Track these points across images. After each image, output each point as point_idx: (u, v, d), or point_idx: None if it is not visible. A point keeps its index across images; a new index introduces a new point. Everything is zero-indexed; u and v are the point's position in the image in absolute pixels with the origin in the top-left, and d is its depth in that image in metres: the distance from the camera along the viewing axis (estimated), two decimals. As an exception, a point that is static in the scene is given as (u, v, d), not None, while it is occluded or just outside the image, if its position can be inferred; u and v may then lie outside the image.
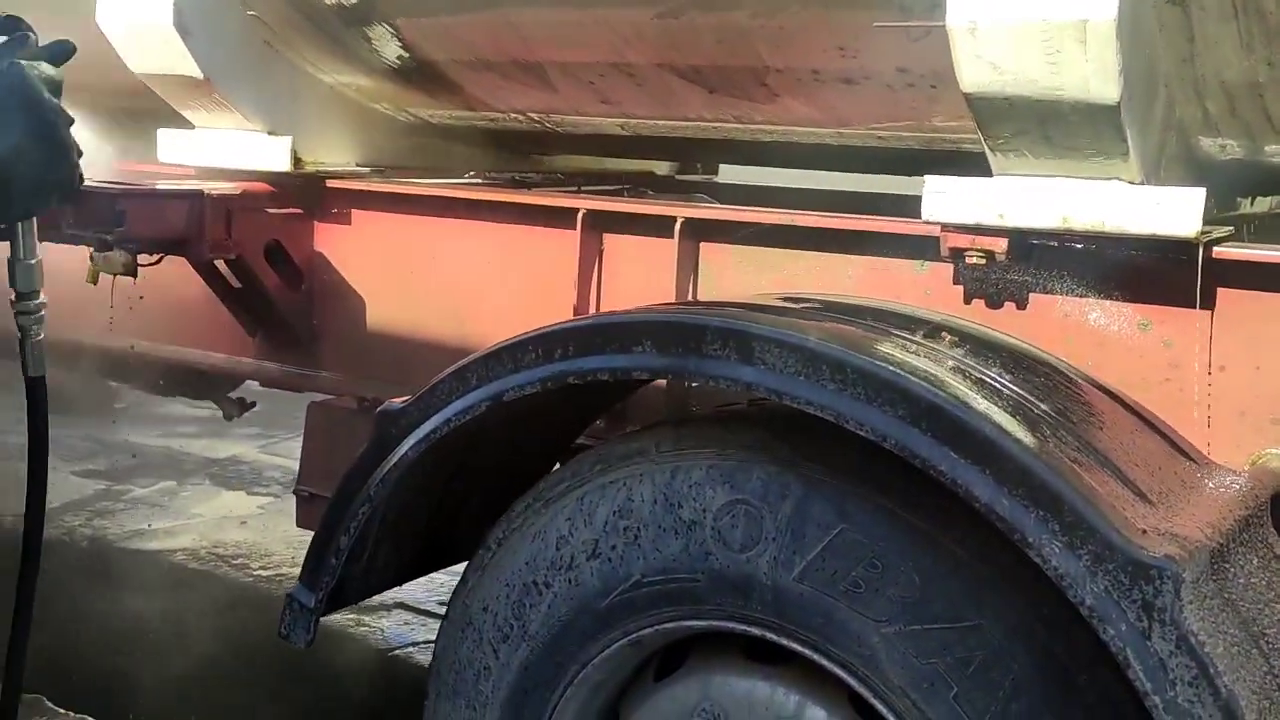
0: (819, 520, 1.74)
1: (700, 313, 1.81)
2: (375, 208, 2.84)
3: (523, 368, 1.90)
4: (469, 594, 2.10)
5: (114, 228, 2.41)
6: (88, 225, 2.44)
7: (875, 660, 1.70)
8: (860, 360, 1.63)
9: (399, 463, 2.03)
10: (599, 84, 2.55)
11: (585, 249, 2.52)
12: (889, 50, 2.11)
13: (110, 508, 5.67)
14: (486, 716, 2.06)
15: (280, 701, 3.74)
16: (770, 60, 2.28)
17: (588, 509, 1.94)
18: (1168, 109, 1.93)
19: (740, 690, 1.88)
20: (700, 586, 1.83)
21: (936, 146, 2.45)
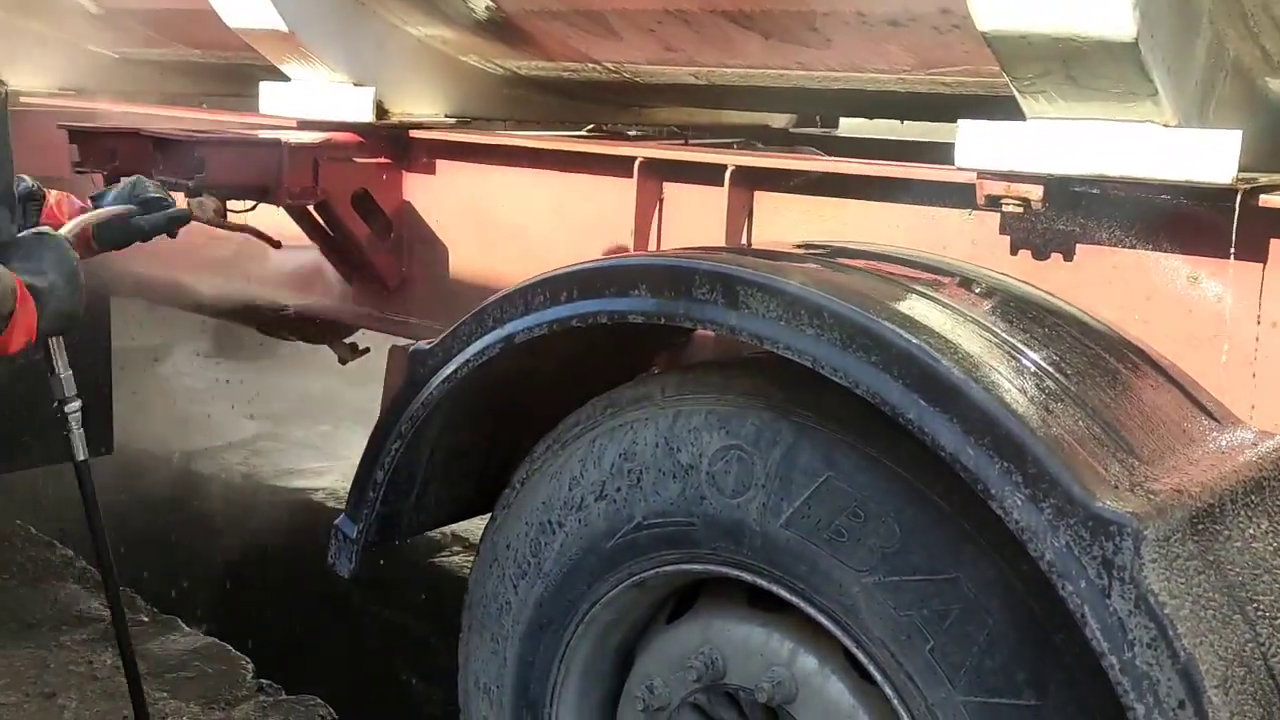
0: (806, 467, 1.72)
1: (692, 257, 1.80)
2: (456, 157, 2.91)
3: (532, 310, 1.94)
4: (496, 531, 2.16)
5: (195, 174, 2.54)
6: (173, 172, 2.59)
7: (856, 610, 1.68)
8: (836, 305, 1.60)
9: (426, 401, 2.10)
10: (659, 31, 2.54)
11: (643, 196, 2.53)
12: (928, -11, 2.04)
13: (268, 447, 6.00)
14: (508, 650, 2.12)
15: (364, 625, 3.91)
16: (816, 4, 2.22)
17: (598, 451, 1.97)
18: (1215, 47, 1.81)
19: (738, 635, 1.88)
20: (696, 530, 1.83)
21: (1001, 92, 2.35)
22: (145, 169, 2.66)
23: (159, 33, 3.88)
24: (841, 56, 2.41)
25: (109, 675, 3.53)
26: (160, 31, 3.88)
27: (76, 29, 4.15)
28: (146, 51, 4.22)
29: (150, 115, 3.55)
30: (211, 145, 2.57)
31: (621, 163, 2.55)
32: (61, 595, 4.07)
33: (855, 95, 2.66)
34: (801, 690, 1.81)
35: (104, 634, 3.82)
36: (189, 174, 2.55)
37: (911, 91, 2.51)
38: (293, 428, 6.38)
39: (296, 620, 4.04)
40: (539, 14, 2.69)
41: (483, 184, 2.89)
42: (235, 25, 2.88)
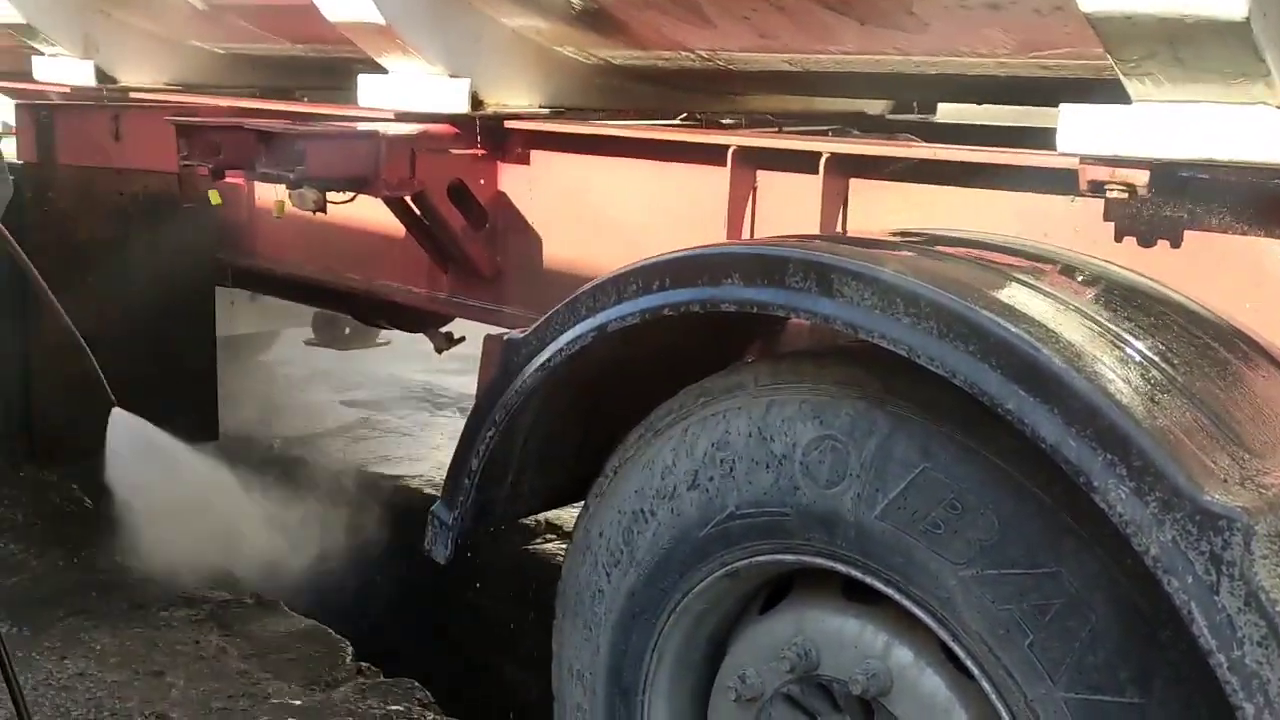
0: (902, 458, 1.70)
1: (785, 245, 1.79)
2: (550, 147, 2.93)
3: (625, 299, 1.94)
4: (589, 519, 2.17)
5: (295, 166, 2.59)
6: (275, 165, 2.64)
7: (953, 603, 1.65)
8: (933, 293, 1.58)
9: (520, 389, 2.12)
10: (754, 18, 2.52)
11: (736, 185, 2.52)
12: (1029, -29, 1.99)
13: (367, 435, 6.11)
14: (601, 638, 2.13)
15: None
16: (912, -14, 2.19)
17: (690, 440, 1.97)
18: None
19: (832, 627, 1.87)
20: (789, 521, 1.82)
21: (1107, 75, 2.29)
22: (249, 162, 2.72)
23: (261, 27, 3.96)
24: (939, 41, 2.37)
25: (215, 655, 3.63)
26: (262, 26, 3.97)
27: (182, 26, 4.26)
28: (248, 46, 4.31)
29: (252, 109, 3.64)
30: (312, 138, 2.62)
31: (715, 151, 2.54)
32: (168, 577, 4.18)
33: (952, 80, 2.61)
34: (896, 683, 1.79)
35: (210, 614, 3.92)
36: (290, 166, 2.61)
37: (1011, 75, 2.46)
38: (389, 416, 6.49)
39: (393, 605, 4.11)
40: (634, 3, 2.69)
41: (577, 174, 2.90)
42: (334, 19, 2.93)
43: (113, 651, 3.59)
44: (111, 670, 3.47)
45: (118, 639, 3.67)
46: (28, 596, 3.97)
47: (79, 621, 3.79)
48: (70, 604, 3.91)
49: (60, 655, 3.56)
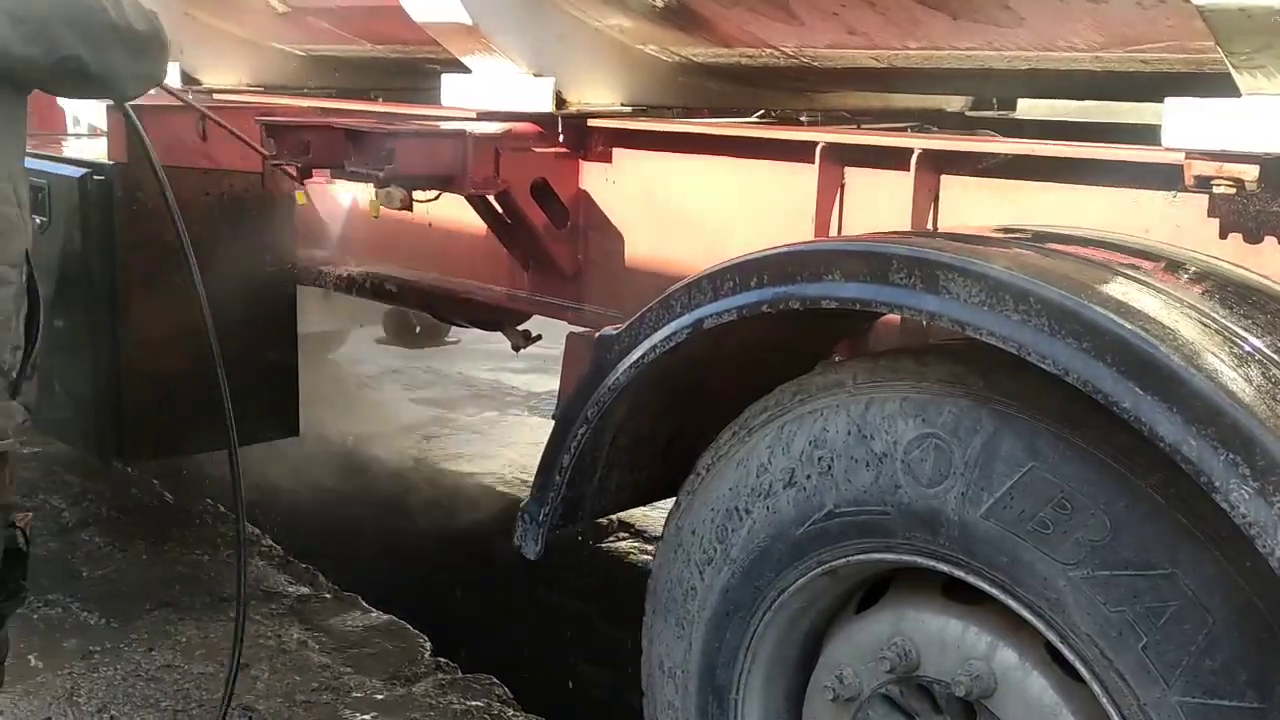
0: (1008, 457, 1.67)
1: (888, 241, 1.77)
2: (633, 145, 2.93)
3: (721, 296, 1.93)
4: (680, 517, 2.17)
5: (384, 165, 2.62)
6: (364, 163, 2.67)
7: (1062, 604, 1.63)
8: (1045, 290, 1.55)
9: (613, 386, 2.12)
10: (843, 14, 2.50)
11: (824, 182, 2.50)
12: (1132, -38, 1.96)
13: (438, 432, 6.15)
14: (693, 635, 2.13)
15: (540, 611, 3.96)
16: (1010, -20, 2.17)
17: (786, 438, 1.96)
18: None
19: (933, 627, 1.85)
20: (890, 519, 1.81)
21: (1207, 68, 2.24)
22: (337, 160, 2.75)
23: (341, 29, 4.01)
24: (1033, 35, 2.34)
25: (297, 649, 3.68)
26: (342, 27, 4.01)
27: (263, 28, 4.32)
28: (325, 48, 4.36)
29: (334, 109, 3.68)
30: (401, 137, 2.64)
31: (803, 148, 2.53)
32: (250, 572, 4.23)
33: (1043, 75, 2.57)
34: (1001, 685, 1.76)
35: (290, 609, 3.98)
36: (379, 165, 2.63)
37: (1105, 70, 2.42)
38: (459, 414, 6.54)
39: (469, 601, 4.14)
40: (721, 1, 2.69)
41: (659, 171, 2.90)
42: (421, 19, 2.95)
43: (198, 644, 3.65)
44: (197, 663, 3.53)
45: (202, 632, 3.73)
46: (114, 589, 4.05)
47: (164, 614, 3.86)
48: (155, 597, 3.98)
49: (148, 647, 3.62)
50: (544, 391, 6.84)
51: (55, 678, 3.43)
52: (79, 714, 3.26)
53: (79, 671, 3.46)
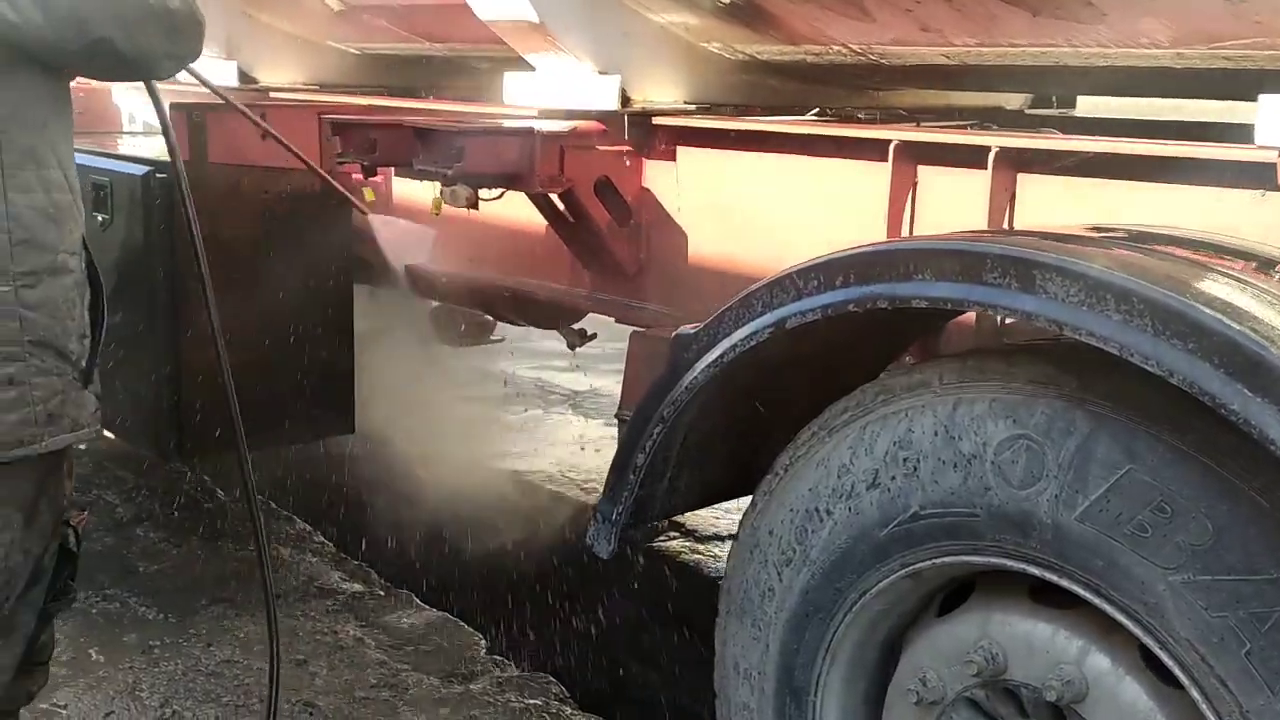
0: (1105, 459, 1.65)
1: (981, 241, 1.75)
2: (698, 143, 2.91)
3: (805, 295, 1.92)
4: (757, 517, 2.16)
5: (454, 163, 2.61)
6: (433, 161, 2.67)
7: (1161, 609, 1.60)
8: (1148, 290, 1.53)
9: (690, 385, 2.11)
10: (917, 11, 2.48)
11: (897, 181, 2.49)
12: (1225, -43, 1.93)
13: (484, 430, 6.15)
14: (770, 637, 2.11)
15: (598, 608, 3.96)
16: (1095, -24, 2.14)
17: (869, 439, 1.94)
18: None
19: (1021, 631, 1.83)
20: (978, 521, 1.79)
21: (1293, 65, 2.21)
22: (404, 158, 2.75)
23: (398, 27, 4.01)
24: (1114, 31, 2.31)
25: (353, 645, 3.69)
26: (399, 26, 4.02)
27: (319, 27, 4.33)
28: (381, 46, 4.37)
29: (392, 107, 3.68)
30: (470, 135, 2.64)
31: (875, 146, 2.51)
32: (303, 567, 4.27)
33: (1120, 72, 2.54)
34: (1092, 690, 1.74)
35: (345, 605, 3.99)
36: (449, 163, 2.63)
37: (1186, 67, 2.38)
38: (504, 412, 6.53)
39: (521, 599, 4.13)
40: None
41: (724, 170, 2.88)
42: (487, 17, 2.95)
43: (256, 640, 3.66)
44: (257, 658, 3.54)
45: (259, 627, 3.74)
46: (171, 584, 4.08)
47: (222, 610, 3.88)
48: (211, 593, 4.00)
49: (206, 643, 3.64)
50: (587, 390, 6.85)
51: (117, 672, 3.45)
52: (142, 708, 3.28)
53: (140, 666, 3.48)
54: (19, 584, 2.28)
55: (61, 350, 2.19)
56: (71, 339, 2.23)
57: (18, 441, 2.14)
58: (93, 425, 2.32)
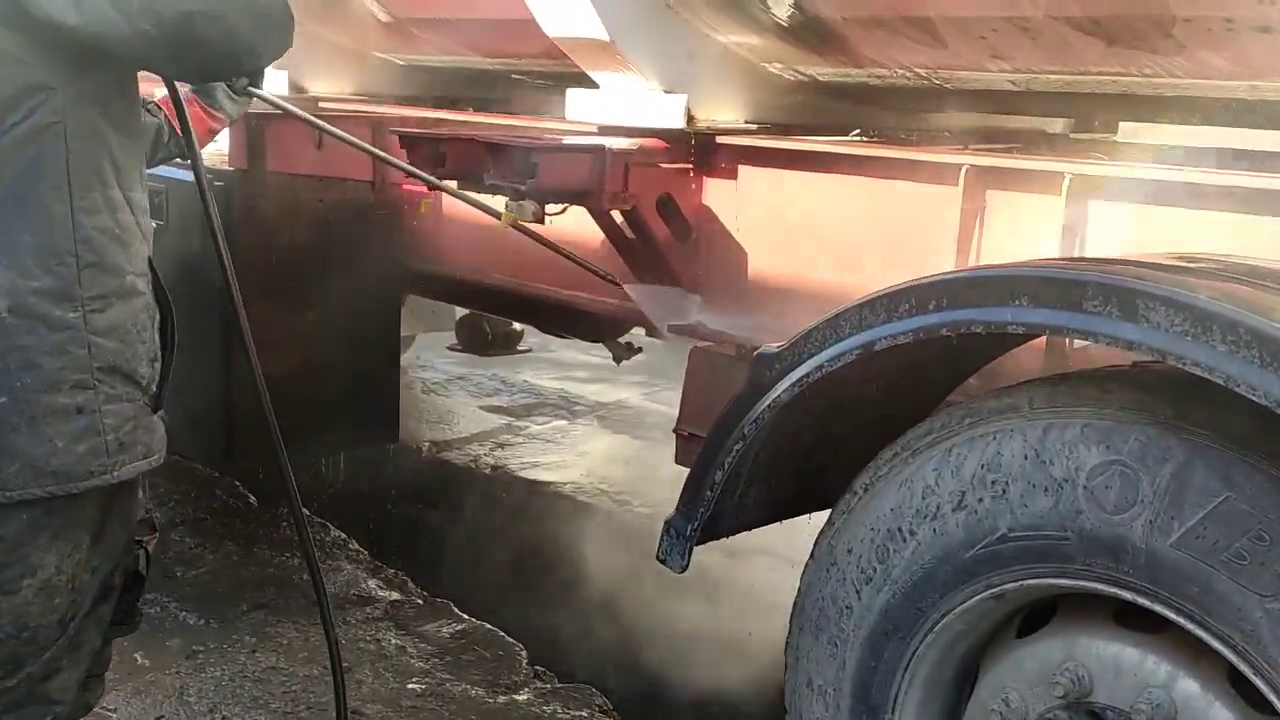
0: (1201, 487, 1.67)
1: (1080, 268, 1.78)
2: (761, 163, 2.95)
3: (896, 318, 1.94)
4: (834, 535, 2.18)
5: (527, 179, 2.64)
6: (505, 177, 2.70)
7: (1257, 635, 1.63)
8: (1255, 321, 1.56)
9: (772, 404, 2.14)
10: (991, 38, 2.52)
11: (967, 205, 2.52)
12: (1313, -6, 1.96)
13: (510, 440, 6.18)
14: (848, 654, 2.14)
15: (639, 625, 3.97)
16: (1178, 9, 2.17)
17: (955, 461, 1.96)
18: None
19: (1108, 654, 1.85)
20: (1069, 545, 1.81)
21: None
22: (475, 172, 2.78)
23: (448, 40, 4.05)
24: (1190, 62, 2.34)
25: (395, 654, 3.71)
26: (449, 39, 4.05)
27: (366, 38, 4.37)
28: (428, 58, 4.41)
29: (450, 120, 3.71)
30: (544, 151, 2.67)
31: (946, 170, 2.54)
32: (341, 576, 4.28)
33: (1187, 102, 2.58)
34: (1181, 714, 1.76)
35: (385, 613, 4.01)
36: (521, 179, 2.66)
37: (1259, 99, 2.42)
38: (529, 422, 6.56)
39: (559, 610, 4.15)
40: (857, 20, 2.70)
41: (786, 189, 2.92)
42: (554, 34, 2.98)
43: (300, 647, 3.68)
44: (301, 665, 3.56)
45: (302, 634, 3.77)
46: (209, 590, 4.09)
47: (263, 616, 3.90)
48: (251, 599, 4.02)
49: (251, 649, 3.66)
50: (611, 402, 6.87)
51: (164, 676, 3.47)
52: (190, 713, 3.30)
53: (186, 671, 3.50)
54: (86, 602, 2.26)
55: (132, 375, 2.15)
56: (142, 363, 2.19)
57: (88, 472, 2.10)
58: (162, 451, 2.28)
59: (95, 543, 2.24)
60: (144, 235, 2.22)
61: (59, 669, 2.28)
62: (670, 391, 7.30)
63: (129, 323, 2.15)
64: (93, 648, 2.36)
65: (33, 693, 2.26)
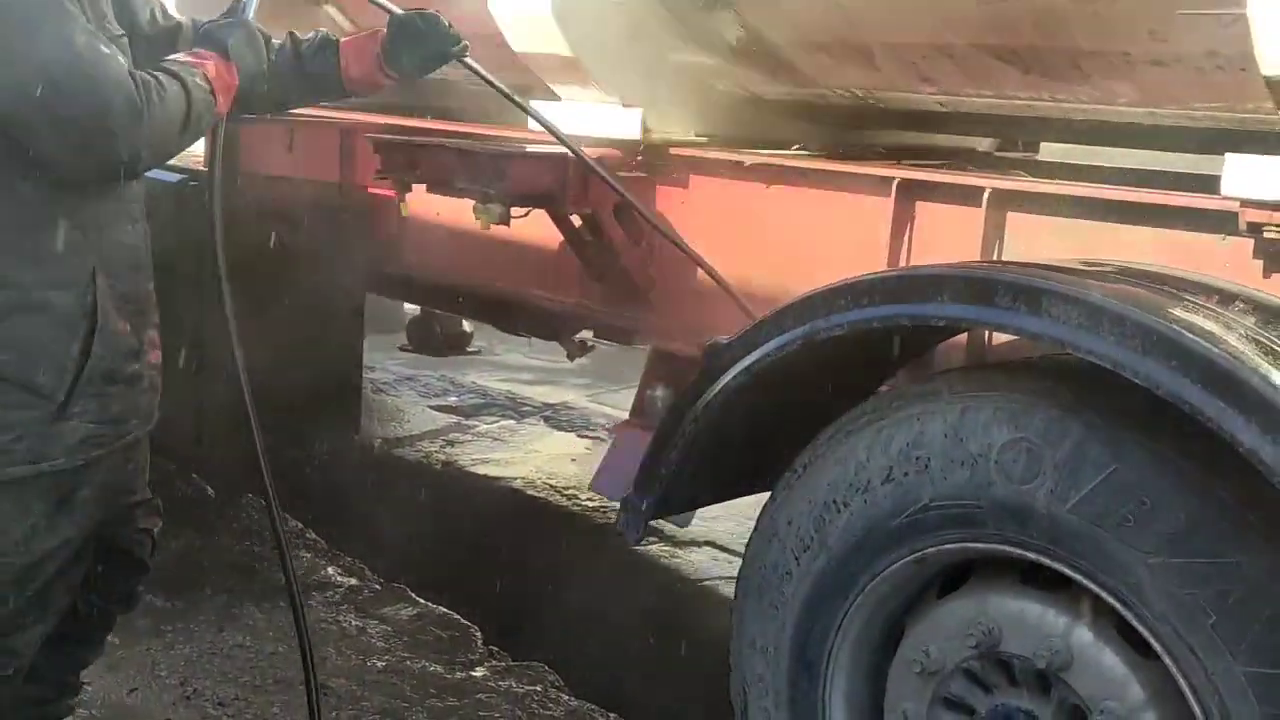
0: (1095, 460, 1.93)
1: (993, 270, 2.03)
2: (711, 173, 3.18)
3: (834, 312, 2.19)
4: (776, 509, 2.42)
5: (496, 183, 2.86)
6: (475, 180, 2.91)
7: (1140, 588, 1.89)
8: (1138, 315, 1.82)
9: (723, 389, 2.37)
10: (920, 64, 2.78)
11: (898, 215, 2.77)
12: (1199, 34, 2.24)
13: (460, 438, 6.36)
14: (787, 616, 2.37)
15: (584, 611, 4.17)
16: (1084, 43, 2.44)
17: (884, 439, 2.21)
18: None
19: (1014, 609, 2.10)
20: (982, 512, 2.06)
21: (1250, 126, 2.53)
22: (445, 177, 2.99)
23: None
24: (1095, 90, 2.61)
25: (356, 634, 3.89)
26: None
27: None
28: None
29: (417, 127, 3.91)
30: (513, 158, 2.89)
31: (879, 183, 2.79)
32: (300, 564, 4.43)
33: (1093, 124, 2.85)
34: (1076, 659, 2.02)
35: (344, 597, 4.19)
36: (491, 183, 2.87)
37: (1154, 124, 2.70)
38: (478, 421, 6.74)
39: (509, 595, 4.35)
40: (802, 44, 2.96)
41: (733, 199, 3.15)
42: (521, 50, 3.20)
43: (265, 627, 3.85)
44: (268, 643, 3.73)
45: (266, 615, 3.94)
46: (174, 575, 4.20)
47: (226, 599, 4.05)
48: (215, 583, 4.17)
49: (218, 628, 3.83)
50: (557, 403, 7.08)
51: (134, 654, 3.62)
52: (162, 686, 3.46)
53: (156, 649, 3.66)
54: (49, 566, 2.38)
55: (27, 385, 2.25)
56: (42, 373, 2.27)
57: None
58: (64, 457, 2.33)
59: (59, 511, 2.37)
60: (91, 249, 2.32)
61: (21, 625, 2.44)
62: (614, 394, 7.54)
63: (28, 335, 2.25)
64: (59, 607, 2.50)
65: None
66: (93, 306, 2.35)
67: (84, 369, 2.32)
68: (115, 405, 2.43)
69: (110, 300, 2.38)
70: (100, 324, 2.36)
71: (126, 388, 2.47)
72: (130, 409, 2.49)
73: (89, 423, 2.37)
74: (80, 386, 2.32)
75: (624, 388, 7.76)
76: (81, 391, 2.33)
